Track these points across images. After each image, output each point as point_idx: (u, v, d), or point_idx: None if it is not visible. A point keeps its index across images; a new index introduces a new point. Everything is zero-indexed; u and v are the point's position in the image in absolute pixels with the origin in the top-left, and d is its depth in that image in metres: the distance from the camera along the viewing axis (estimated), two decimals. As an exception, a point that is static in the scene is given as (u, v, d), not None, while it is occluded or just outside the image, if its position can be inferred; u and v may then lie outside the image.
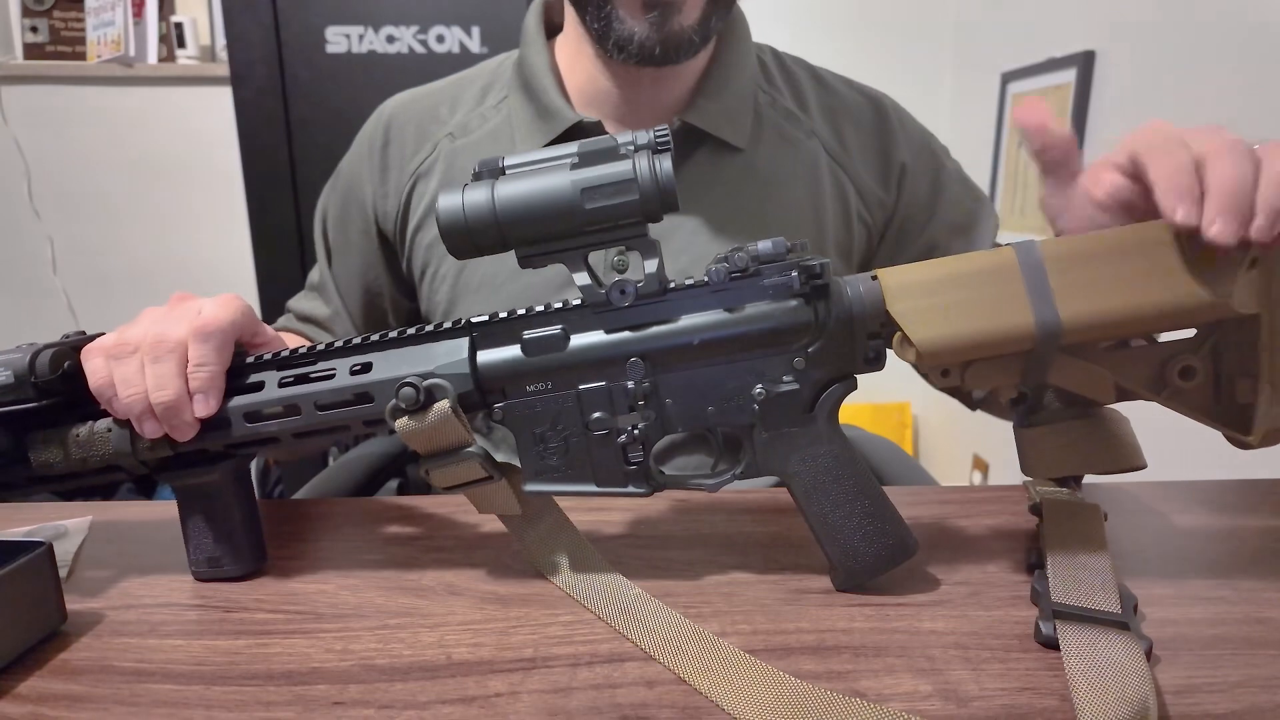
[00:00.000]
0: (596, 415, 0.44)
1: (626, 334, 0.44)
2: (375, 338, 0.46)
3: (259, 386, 0.47)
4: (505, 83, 0.73)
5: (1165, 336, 0.43)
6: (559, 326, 0.44)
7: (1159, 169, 0.40)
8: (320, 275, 0.80)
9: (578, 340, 0.44)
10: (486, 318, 0.45)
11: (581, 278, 0.43)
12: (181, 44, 2.10)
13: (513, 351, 0.44)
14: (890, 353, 0.44)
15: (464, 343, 0.45)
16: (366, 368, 0.46)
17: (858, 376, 0.45)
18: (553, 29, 0.75)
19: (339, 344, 0.47)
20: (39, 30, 2.13)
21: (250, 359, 0.48)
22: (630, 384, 0.44)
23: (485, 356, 0.45)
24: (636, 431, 0.44)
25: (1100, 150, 0.57)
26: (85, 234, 2.23)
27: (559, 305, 0.45)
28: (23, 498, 0.52)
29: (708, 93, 0.69)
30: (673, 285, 0.44)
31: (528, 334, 0.44)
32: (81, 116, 2.15)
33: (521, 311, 0.45)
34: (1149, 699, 0.33)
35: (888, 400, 2.24)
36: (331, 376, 0.46)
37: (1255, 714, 0.34)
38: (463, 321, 0.46)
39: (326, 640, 0.42)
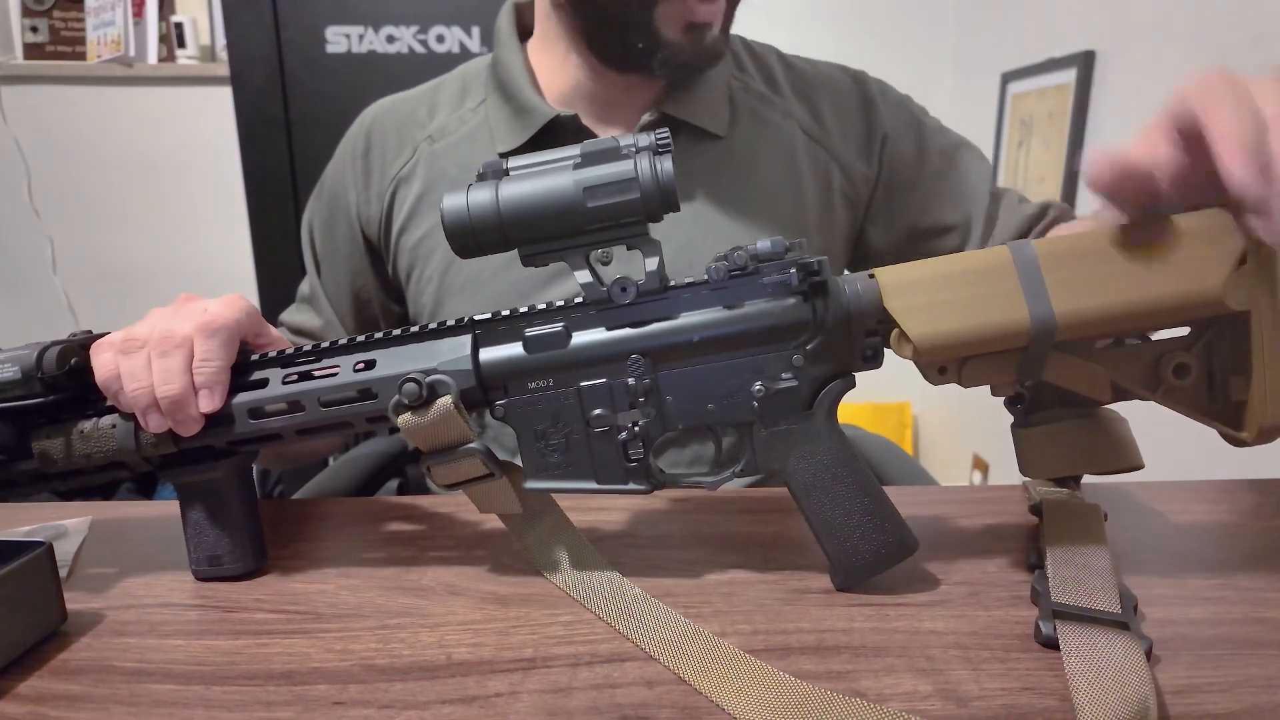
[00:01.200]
0: (597, 412, 0.44)
1: (627, 331, 0.44)
2: (379, 336, 0.47)
3: (263, 383, 0.47)
4: (482, 85, 0.74)
5: (1159, 334, 0.43)
6: (561, 324, 0.44)
7: (1220, 127, 0.35)
8: (310, 287, 0.80)
9: (579, 337, 0.44)
10: (489, 315, 0.46)
11: (583, 275, 0.44)
12: (181, 44, 2.10)
13: (515, 349, 0.45)
14: (891, 354, 0.44)
15: (466, 340, 0.45)
16: (370, 365, 0.46)
17: (857, 375, 0.45)
18: (524, 31, 0.75)
19: (342, 342, 0.47)
20: (39, 30, 2.13)
21: (255, 357, 0.48)
22: (631, 381, 0.44)
23: (488, 354, 0.45)
24: (637, 428, 0.44)
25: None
26: (85, 234, 2.23)
27: (561, 303, 0.45)
28: (24, 497, 0.52)
29: (683, 83, 0.70)
30: (673, 284, 0.44)
31: (530, 331, 0.44)
32: (81, 116, 2.15)
33: (524, 309, 0.45)
34: (1149, 699, 0.33)
35: (887, 400, 2.24)
36: (335, 374, 0.46)
37: (1255, 714, 0.34)
38: (466, 319, 0.46)
39: (326, 640, 0.42)
